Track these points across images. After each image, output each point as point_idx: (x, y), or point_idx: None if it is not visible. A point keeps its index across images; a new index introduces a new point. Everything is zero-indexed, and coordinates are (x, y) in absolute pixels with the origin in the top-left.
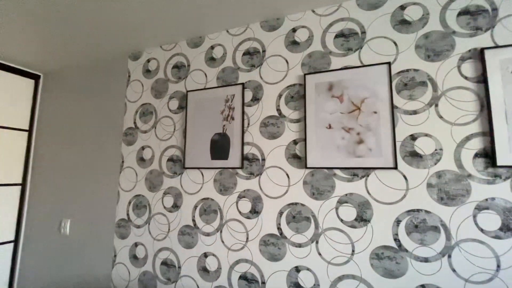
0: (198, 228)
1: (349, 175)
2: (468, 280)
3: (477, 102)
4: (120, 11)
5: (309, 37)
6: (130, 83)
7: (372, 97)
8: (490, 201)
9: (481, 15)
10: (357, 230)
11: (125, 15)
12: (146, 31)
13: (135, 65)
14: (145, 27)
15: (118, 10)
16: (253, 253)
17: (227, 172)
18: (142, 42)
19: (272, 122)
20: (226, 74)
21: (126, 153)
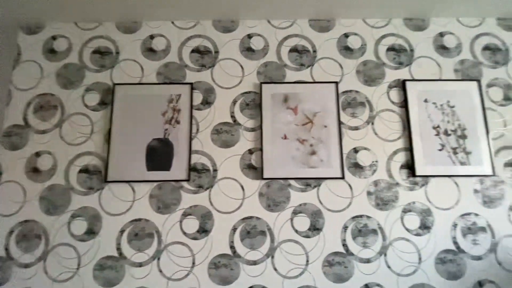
0: (125, 258)
1: (303, 185)
2: (399, 274)
3: (401, 123)
4: None
5: (265, 47)
6: (20, 64)
7: (323, 111)
8: (412, 205)
9: (403, 53)
10: (310, 240)
11: None
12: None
13: (29, 41)
14: None
15: None
16: (200, 279)
17: (169, 185)
18: (45, 12)
19: (226, 129)
20: (170, 70)
21: (7, 161)
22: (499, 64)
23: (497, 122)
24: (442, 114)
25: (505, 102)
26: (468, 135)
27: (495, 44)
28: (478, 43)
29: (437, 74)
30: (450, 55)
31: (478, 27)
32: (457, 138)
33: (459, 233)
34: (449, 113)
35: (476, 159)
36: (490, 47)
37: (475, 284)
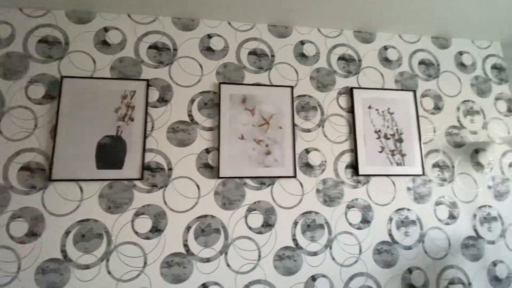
0: (71, 261)
1: (258, 183)
2: (342, 265)
3: (347, 126)
4: None
5: (225, 48)
6: None
7: (279, 114)
8: (354, 201)
9: (352, 63)
10: (263, 236)
11: None
12: None
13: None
14: None
15: None
16: (152, 279)
17: (121, 184)
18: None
19: (183, 128)
20: (124, 65)
21: None
22: (432, 77)
23: (428, 128)
24: (383, 119)
25: (435, 111)
26: (404, 139)
27: (429, 59)
28: (415, 57)
29: (380, 83)
30: (392, 67)
31: (416, 43)
32: (395, 142)
33: (394, 226)
34: (389, 119)
35: (410, 161)
36: (425, 61)
37: (406, 271)
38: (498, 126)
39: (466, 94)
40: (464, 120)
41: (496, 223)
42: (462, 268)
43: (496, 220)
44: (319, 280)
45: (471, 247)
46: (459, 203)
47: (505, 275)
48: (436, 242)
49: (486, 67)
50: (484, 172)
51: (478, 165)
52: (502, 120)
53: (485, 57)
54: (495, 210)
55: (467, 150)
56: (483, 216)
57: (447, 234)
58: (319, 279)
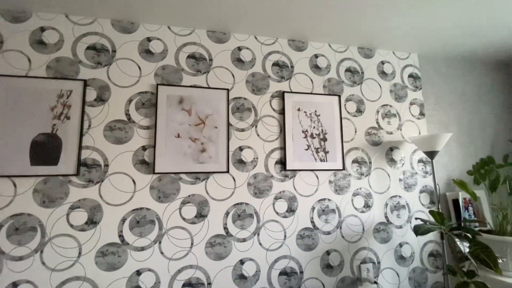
0: (3, 253)
1: (193, 178)
2: (268, 249)
3: (278, 127)
4: None
5: (164, 51)
6: None
7: (215, 114)
8: (282, 193)
9: (285, 69)
10: (196, 226)
11: None
12: None
13: None
14: None
15: None
16: (86, 268)
17: (56, 180)
18: None
19: (120, 127)
20: (61, 65)
21: None
22: (356, 84)
23: (350, 128)
24: (310, 121)
25: (357, 113)
26: (328, 138)
27: (355, 67)
28: (343, 65)
29: (310, 88)
30: (321, 74)
31: (344, 52)
32: (320, 140)
33: (315, 214)
34: (315, 120)
35: (332, 157)
36: (351, 69)
37: (324, 253)
38: (410, 128)
39: (385, 99)
40: (382, 122)
41: (404, 210)
42: (373, 249)
43: (405, 208)
44: (247, 263)
45: (382, 231)
46: (373, 194)
47: (409, 254)
48: (352, 228)
49: (404, 75)
50: (396, 167)
51: (391, 161)
52: (415, 122)
53: (404, 66)
54: (404, 199)
55: (383, 148)
56: (393, 205)
57: (362, 220)
58: (246, 262)
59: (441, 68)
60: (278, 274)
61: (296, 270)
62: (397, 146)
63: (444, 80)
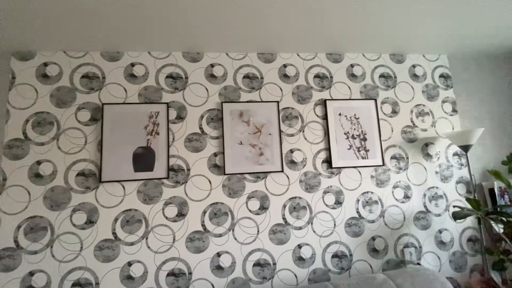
0: (120, 240)
1: (254, 177)
2: (321, 236)
3: (323, 130)
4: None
5: (224, 74)
6: (15, 87)
7: (268, 123)
8: (329, 188)
9: (325, 79)
10: (260, 216)
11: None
12: (38, 30)
13: (22, 66)
14: (39, 27)
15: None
16: (180, 251)
17: (152, 182)
18: (34, 41)
19: (196, 138)
20: (149, 92)
21: (11, 170)
22: (390, 87)
23: (387, 128)
24: (351, 123)
25: (393, 114)
26: (368, 138)
27: (388, 73)
28: (376, 72)
29: (348, 94)
30: (357, 81)
31: (377, 60)
32: (360, 140)
33: (360, 205)
34: (355, 123)
35: (372, 155)
36: (384, 75)
37: (370, 239)
38: (444, 124)
39: (418, 99)
40: (416, 121)
41: (442, 200)
42: (414, 235)
43: (442, 198)
44: (304, 247)
45: (421, 219)
46: (412, 186)
47: (449, 240)
48: (393, 216)
49: (435, 76)
50: (432, 161)
51: (427, 155)
52: (448, 119)
53: (434, 68)
54: (441, 190)
55: (418, 144)
56: (431, 195)
57: (403, 210)
58: (303, 247)
59: (470, 66)
60: (331, 257)
61: (346, 253)
62: (432, 142)
63: (474, 78)
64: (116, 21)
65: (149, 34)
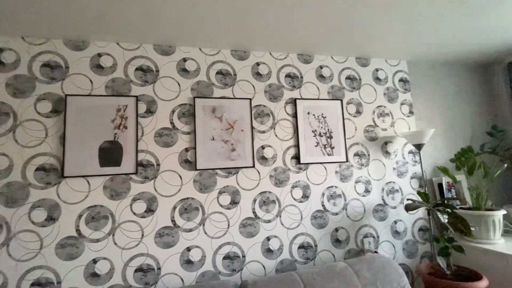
0: (84, 237)
1: (226, 173)
2: (289, 228)
3: (292, 128)
4: None
5: (197, 69)
6: None
7: (240, 120)
8: (297, 182)
9: (295, 79)
10: (231, 211)
11: None
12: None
13: None
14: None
15: None
16: (148, 246)
17: (120, 178)
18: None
19: (166, 133)
20: (117, 84)
21: None
22: (355, 89)
23: (351, 127)
24: (318, 122)
25: (357, 114)
26: (333, 136)
27: (353, 75)
28: (343, 74)
29: (317, 94)
30: (326, 82)
31: (344, 63)
32: (327, 138)
33: (325, 199)
34: (322, 121)
35: (337, 151)
36: (350, 77)
37: (333, 230)
38: (402, 125)
39: (380, 101)
40: (377, 121)
41: (398, 193)
42: (373, 226)
43: (398, 191)
44: (272, 239)
45: (379, 211)
46: (372, 181)
47: (402, 229)
48: (355, 209)
49: (395, 80)
50: (390, 158)
51: (386, 153)
52: (405, 120)
53: (395, 72)
54: (397, 184)
55: (379, 142)
56: (388, 189)
57: (363, 203)
58: (272, 239)
59: (427, 72)
60: (298, 248)
61: (311, 244)
62: (390, 141)
63: (430, 82)
64: (82, 6)
65: (118, 24)
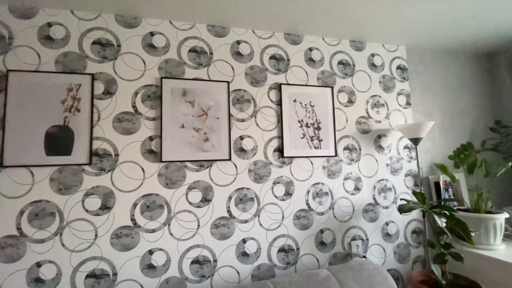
0: (26, 236)
1: (197, 166)
2: (268, 229)
3: (276, 117)
4: None
5: (166, 45)
6: None
7: (216, 106)
8: (280, 178)
9: (281, 62)
10: (201, 209)
11: None
12: None
13: None
14: None
15: None
16: (102, 248)
17: (70, 169)
18: None
19: (127, 118)
20: (69, 60)
21: None
22: (348, 76)
23: (342, 118)
24: (305, 111)
25: (348, 104)
26: (322, 127)
27: (347, 60)
28: (335, 58)
29: (305, 80)
30: (315, 66)
31: (336, 46)
32: (314, 129)
33: (310, 197)
34: (310, 110)
35: (325, 145)
36: (343, 62)
37: (318, 232)
38: (397, 117)
39: (375, 90)
40: (371, 111)
41: (390, 192)
42: (362, 228)
43: (391, 190)
44: (248, 241)
45: (370, 211)
46: (363, 178)
47: (394, 232)
48: (343, 209)
49: (392, 67)
50: (384, 153)
51: (379, 147)
52: (401, 111)
53: (392, 59)
54: (390, 182)
55: (371, 136)
56: (380, 188)
57: (352, 202)
58: (248, 241)
59: (426, 60)
60: (277, 251)
61: (293, 247)
62: (385, 134)
63: (429, 72)
64: None
65: None
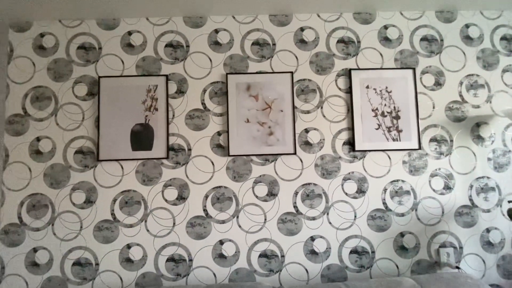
0: (118, 221)
1: (262, 160)
2: (338, 228)
3: (345, 106)
4: None
5: (230, 41)
6: (14, 60)
7: (280, 98)
8: (350, 174)
9: (351, 45)
10: (268, 203)
11: None
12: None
13: (20, 38)
14: None
15: None
16: (180, 236)
17: (151, 162)
18: (30, 11)
19: (198, 115)
20: (147, 63)
21: (13, 146)
22: (434, 53)
23: (427, 104)
24: (381, 98)
25: (435, 87)
26: (401, 116)
27: (432, 35)
28: (417, 34)
29: (379, 63)
30: (392, 46)
31: (418, 19)
32: (392, 119)
33: (388, 195)
34: (386, 97)
35: (406, 136)
36: (427, 38)
37: (398, 235)
38: (503, 99)
39: (471, 68)
40: (466, 95)
41: (493, 193)
42: (454, 234)
43: (494, 190)
44: (317, 240)
45: (465, 214)
46: (455, 175)
47: (498, 240)
48: (429, 210)
49: (494, 38)
50: (484, 145)
51: (478, 138)
52: (508, 92)
53: (494, 28)
54: (493, 181)
55: (467, 124)
56: (480, 187)
57: (441, 203)
58: (317, 239)
59: None
60: (349, 252)
61: (367, 250)
62: (485, 121)
63: None
64: None
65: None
